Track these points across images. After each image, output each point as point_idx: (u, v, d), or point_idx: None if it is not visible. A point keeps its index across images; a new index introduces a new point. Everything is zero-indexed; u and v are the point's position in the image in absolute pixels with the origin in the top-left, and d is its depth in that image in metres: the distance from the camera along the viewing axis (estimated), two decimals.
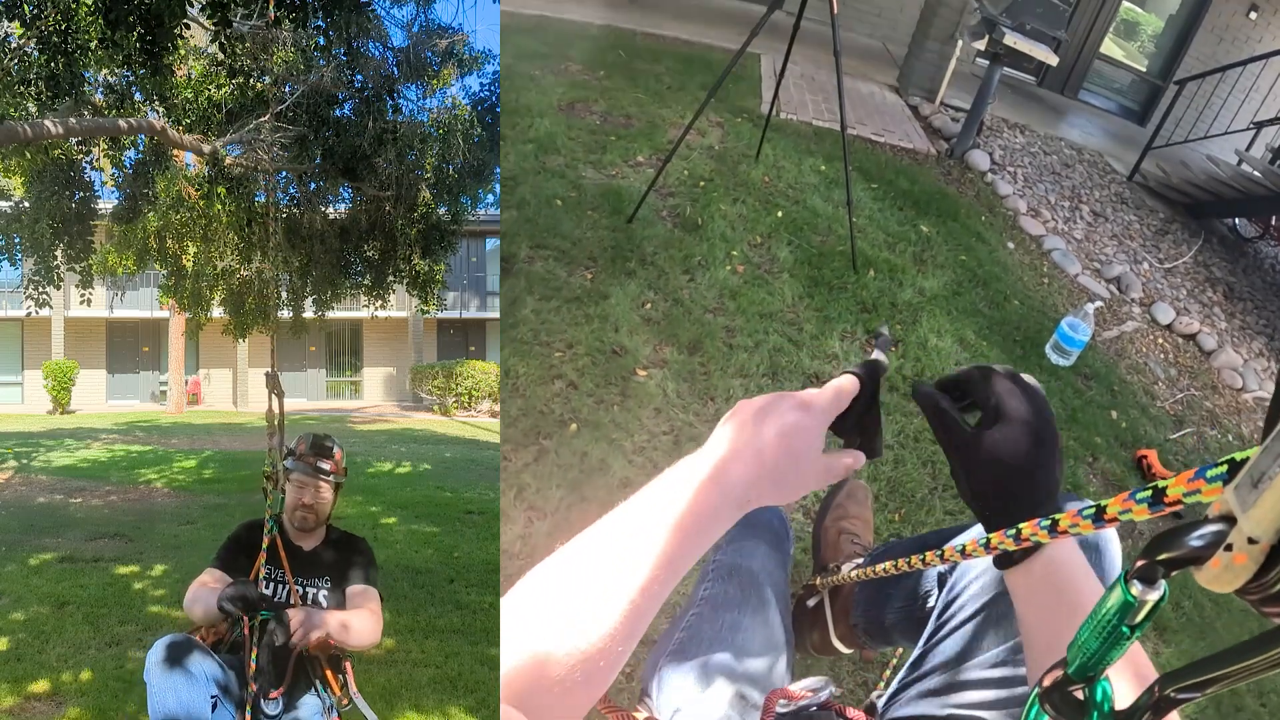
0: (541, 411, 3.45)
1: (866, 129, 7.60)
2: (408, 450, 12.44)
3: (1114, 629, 0.58)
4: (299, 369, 20.76)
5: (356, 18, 4.77)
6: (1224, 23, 11.83)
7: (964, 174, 7.52)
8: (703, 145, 6.21)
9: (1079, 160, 9.10)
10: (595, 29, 8.23)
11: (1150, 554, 0.55)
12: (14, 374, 19.65)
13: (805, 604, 2.02)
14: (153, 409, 18.88)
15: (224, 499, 8.40)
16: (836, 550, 2.27)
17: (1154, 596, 0.56)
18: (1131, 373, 5.47)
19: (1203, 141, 9.34)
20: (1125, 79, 12.67)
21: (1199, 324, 6.50)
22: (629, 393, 3.64)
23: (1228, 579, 0.48)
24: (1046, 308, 5.69)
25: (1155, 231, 8.14)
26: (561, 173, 5.34)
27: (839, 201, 5.64)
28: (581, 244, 4.63)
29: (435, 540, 7.16)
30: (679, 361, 3.92)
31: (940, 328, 4.80)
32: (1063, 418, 4.48)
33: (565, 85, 6.68)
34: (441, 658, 4.53)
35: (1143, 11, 12.62)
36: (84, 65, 4.84)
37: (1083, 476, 4.10)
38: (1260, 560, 0.46)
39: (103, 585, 5.52)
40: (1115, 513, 0.63)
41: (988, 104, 7.63)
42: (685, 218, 5.15)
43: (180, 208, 6.70)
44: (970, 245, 6.03)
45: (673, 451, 3.41)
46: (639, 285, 4.39)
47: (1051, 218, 7.38)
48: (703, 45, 8.58)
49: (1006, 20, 6.84)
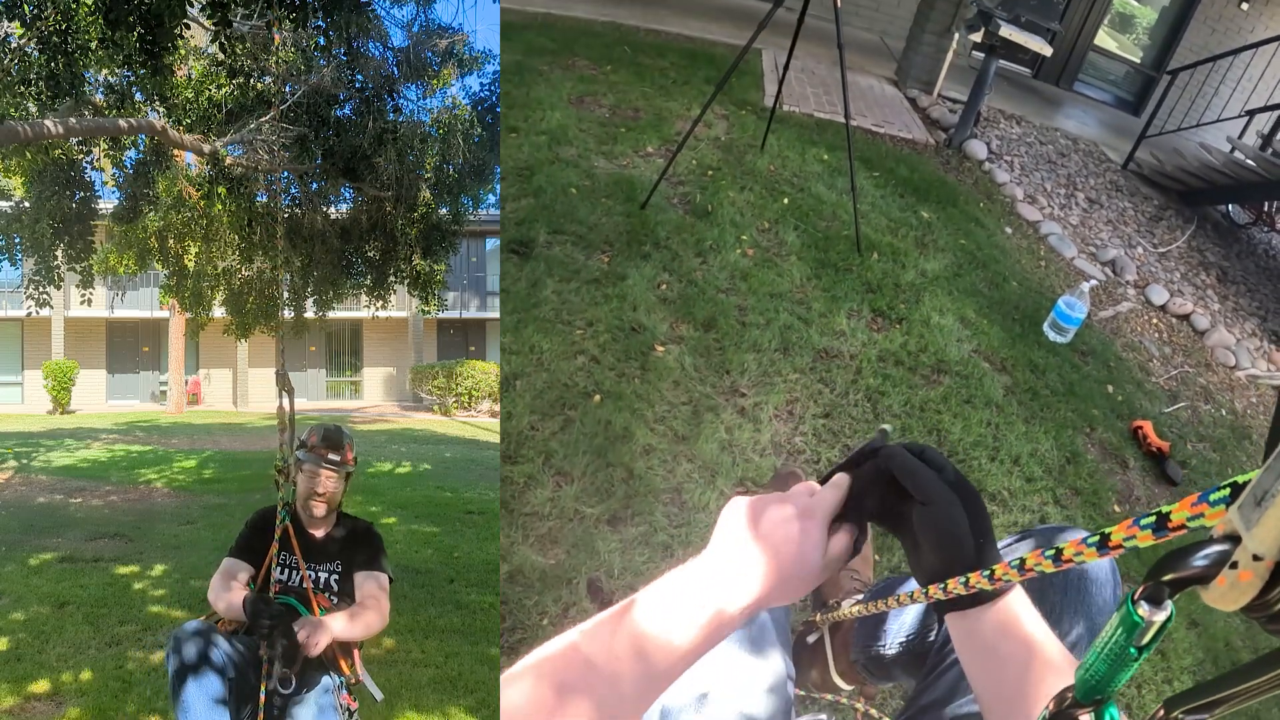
0: (566, 384, 3.62)
1: (867, 120, 7.73)
2: (408, 450, 12.49)
3: (1121, 651, 0.59)
4: (299, 369, 20.76)
5: (356, 18, 4.76)
6: (1216, 13, 11.96)
7: (962, 163, 7.67)
8: (710, 136, 6.36)
9: (1074, 150, 9.22)
10: (600, 25, 8.38)
11: (1156, 575, 0.55)
12: (14, 374, 19.69)
13: (805, 640, 1.99)
14: (153, 409, 18.93)
15: (224, 499, 8.45)
16: (836, 587, 2.25)
17: (1161, 617, 0.56)
18: (1127, 350, 5.64)
19: (1196, 130, 9.47)
20: (1120, 70, 12.81)
21: (1192, 305, 6.67)
22: (648, 366, 3.82)
23: (1234, 597, 0.49)
24: (1044, 289, 5.86)
25: (1149, 218, 8.29)
26: (575, 162, 5.50)
27: (842, 189, 5.82)
28: (598, 229, 4.80)
29: (435, 540, 7.21)
30: (695, 338, 4.10)
31: (942, 306, 4.98)
32: (1061, 391, 4.64)
33: (574, 80, 6.82)
34: (441, 658, 4.57)
35: (1136, 4, 12.76)
36: (84, 65, 4.83)
37: (1081, 446, 4.23)
38: (1265, 577, 0.47)
39: (103, 585, 5.55)
40: (1120, 539, 0.61)
41: (984, 95, 7.77)
42: (696, 204, 5.33)
43: (181, 208, 6.69)
44: (969, 230, 6.20)
45: (691, 420, 3.57)
46: (654, 267, 4.57)
47: (1048, 204, 7.53)
48: (705, 41, 8.71)
49: (1002, 13, 7.00)
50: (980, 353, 4.69)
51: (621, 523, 3.01)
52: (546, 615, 2.65)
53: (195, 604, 5.13)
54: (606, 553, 2.87)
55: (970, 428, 4.00)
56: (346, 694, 2.74)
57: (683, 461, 3.35)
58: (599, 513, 3.03)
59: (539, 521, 2.97)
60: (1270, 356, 6.58)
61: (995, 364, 4.65)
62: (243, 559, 2.86)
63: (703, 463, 3.36)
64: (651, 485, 3.18)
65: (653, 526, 3.01)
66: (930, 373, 4.37)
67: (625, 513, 3.05)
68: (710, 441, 3.47)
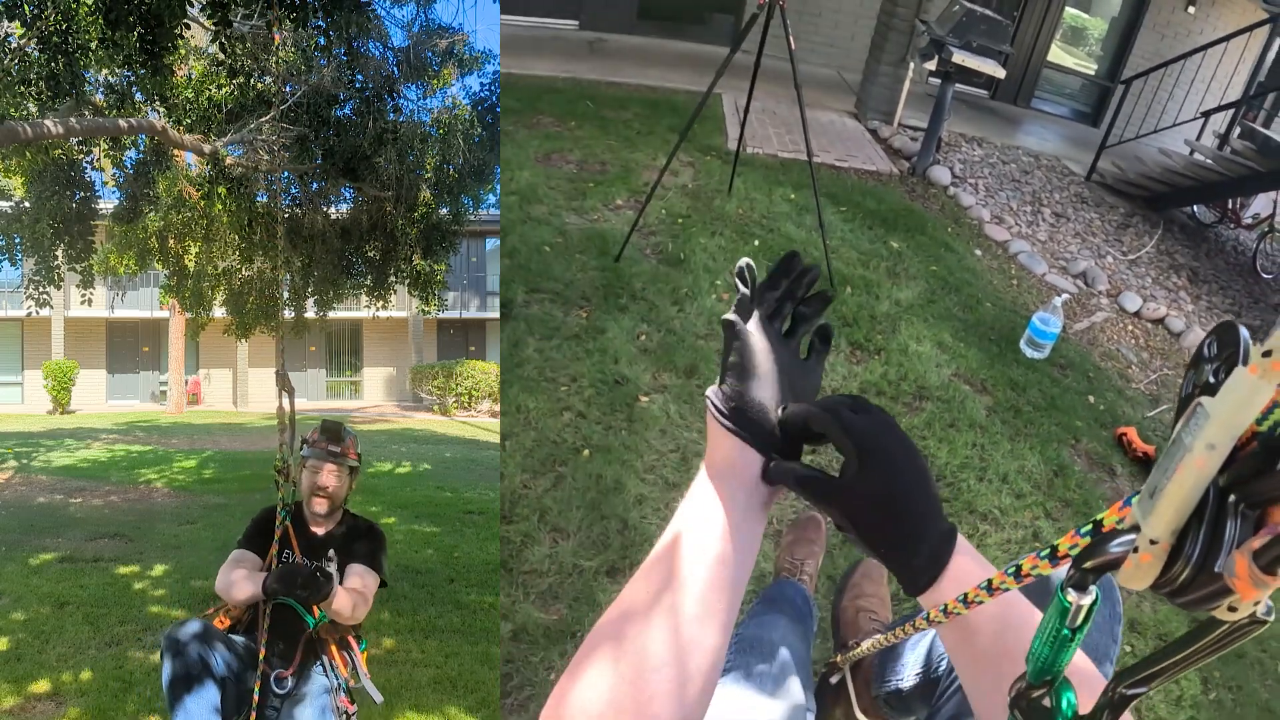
0: (555, 441, 3.65)
1: (830, 155, 7.84)
2: (408, 450, 12.45)
3: (1058, 633, 0.65)
4: (299, 369, 20.58)
5: (356, 18, 4.77)
6: (1164, 19, 12.12)
7: (927, 190, 7.78)
8: (677, 184, 6.43)
9: (1037, 166, 9.34)
10: (560, 82, 8.50)
11: (1078, 563, 0.64)
12: (14, 374, 19.62)
13: (829, 681, 2.01)
14: (153, 409, 18.85)
15: (224, 499, 8.43)
16: (856, 628, 2.31)
17: (1087, 600, 0.64)
18: (1105, 359, 5.71)
19: (1154, 135, 9.62)
20: (1075, 84, 12.99)
21: (1166, 308, 6.77)
22: (634, 417, 3.84)
23: (1139, 576, 0.57)
24: (1018, 307, 5.93)
25: (1117, 226, 8.39)
26: (546, 220, 5.56)
27: (811, 226, 5.88)
28: (574, 285, 4.86)
29: (435, 540, 7.20)
30: (678, 385, 4.12)
31: (919, 334, 5.03)
32: (1043, 406, 4.68)
33: (539, 138, 6.91)
34: (441, 658, 4.56)
35: (1087, 16, 12.95)
36: (84, 65, 4.86)
37: (1068, 458, 4.26)
38: (1163, 558, 0.55)
39: (103, 585, 5.55)
40: (1066, 549, 0.69)
41: (944, 121, 7.91)
42: (668, 253, 5.39)
43: (181, 208, 6.70)
44: (939, 256, 6.28)
45: (680, 467, 3.57)
46: (632, 319, 4.61)
47: (1015, 223, 7.64)
48: (665, 89, 8.83)
49: (953, 40, 7.14)
50: (960, 376, 4.74)
51: (620, 573, 3.03)
52: (553, 670, 2.66)
53: (195, 604, 5.15)
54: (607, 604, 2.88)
55: (956, 450, 4.04)
56: (345, 696, 2.74)
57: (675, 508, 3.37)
58: (597, 565, 3.05)
59: (539, 578, 2.99)
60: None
61: (976, 386, 4.70)
62: (250, 549, 2.89)
63: None
64: (647, 534, 3.20)
65: None
66: (912, 400, 4.42)
67: (623, 563, 3.07)
68: None
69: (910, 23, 8.41)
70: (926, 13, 8.32)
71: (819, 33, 11.26)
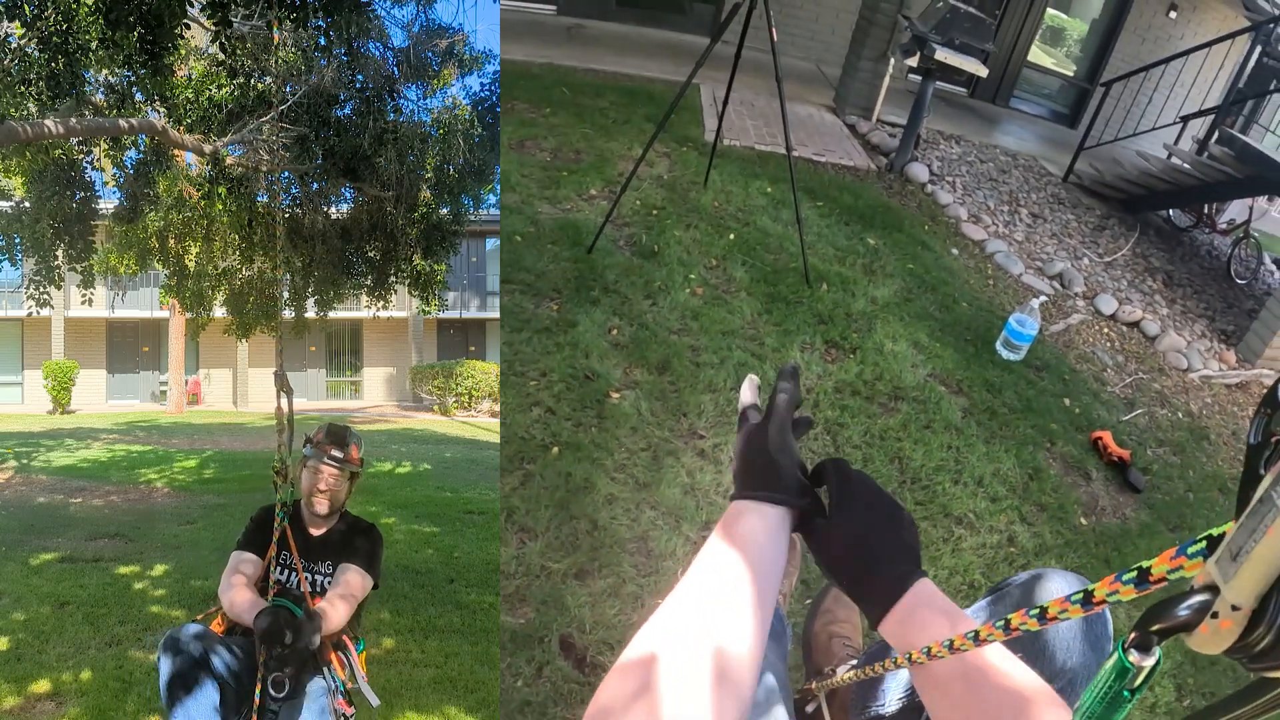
0: (523, 438, 3.56)
1: (808, 149, 7.78)
2: (408, 450, 12.45)
3: (1115, 694, 0.63)
4: (299, 369, 20.67)
5: (357, 18, 4.73)
6: (1145, 23, 12.14)
7: (905, 187, 7.73)
8: (652, 175, 6.34)
9: (1014, 166, 9.34)
10: (537, 67, 8.36)
11: (1144, 625, 0.60)
12: (14, 374, 19.63)
13: (804, 710, 1.98)
14: (153, 409, 18.84)
15: (224, 499, 8.43)
16: (829, 654, 2.28)
17: (1149, 663, 0.61)
18: (1081, 362, 5.68)
19: (1132, 139, 9.63)
20: (1054, 84, 12.99)
21: (1141, 312, 6.75)
22: (605, 414, 3.76)
23: (1217, 642, 0.54)
24: (994, 307, 5.89)
25: (1093, 228, 8.39)
26: (519, 209, 5.45)
27: (787, 221, 5.82)
28: (545, 276, 4.75)
29: (435, 540, 7.20)
30: (649, 382, 4.04)
31: (895, 333, 4.98)
32: (1019, 408, 4.65)
33: (514, 124, 6.79)
34: (441, 658, 4.56)
35: (1067, 17, 12.94)
36: (84, 65, 4.87)
37: (1043, 461, 4.24)
38: (1244, 624, 0.52)
39: (103, 585, 5.54)
40: (1103, 595, 0.65)
41: (923, 118, 7.86)
42: (642, 245, 5.29)
43: (181, 208, 6.72)
44: (916, 254, 6.23)
45: (651, 466, 3.51)
46: (604, 312, 4.51)
47: (992, 222, 7.61)
48: (643, 78, 8.72)
49: (936, 36, 7.09)
50: (936, 376, 4.69)
51: (589, 576, 2.95)
52: (520, 677, 2.58)
53: (195, 604, 5.14)
54: (576, 608, 2.81)
55: (931, 453, 3.99)
56: (342, 699, 2.72)
57: (646, 509, 3.29)
58: (565, 567, 2.96)
59: (505, 580, 2.91)
60: (1221, 356, 6.65)
61: (951, 387, 4.65)
62: (249, 550, 2.87)
63: (666, 509, 3.30)
64: (617, 536, 3.12)
65: (621, 578, 2.95)
66: (887, 400, 4.36)
67: (592, 565, 2.98)
68: (672, 487, 3.41)
69: (893, 18, 8.34)
70: (909, 8, 8.26)
71: (798, 25, 11.18)
